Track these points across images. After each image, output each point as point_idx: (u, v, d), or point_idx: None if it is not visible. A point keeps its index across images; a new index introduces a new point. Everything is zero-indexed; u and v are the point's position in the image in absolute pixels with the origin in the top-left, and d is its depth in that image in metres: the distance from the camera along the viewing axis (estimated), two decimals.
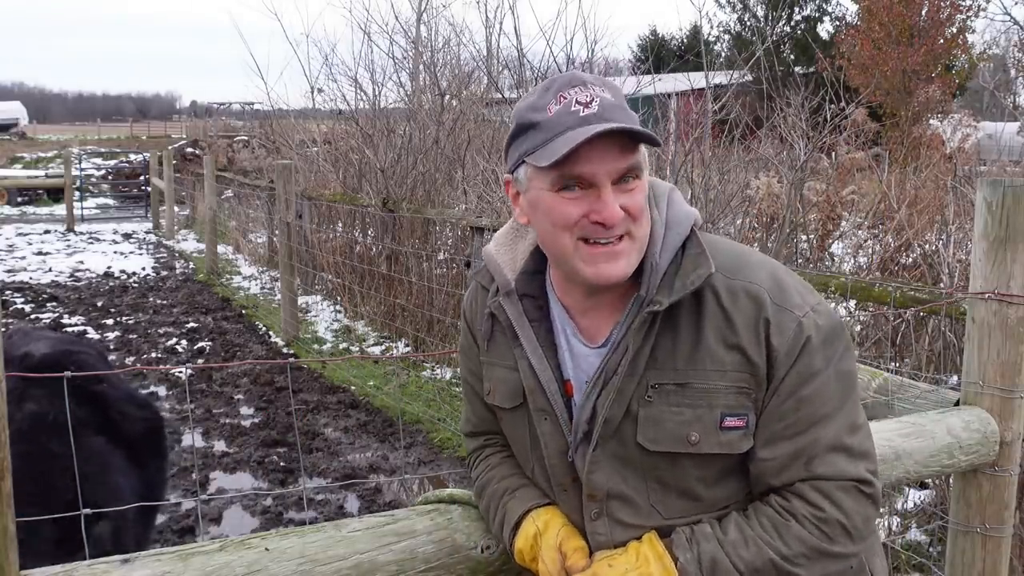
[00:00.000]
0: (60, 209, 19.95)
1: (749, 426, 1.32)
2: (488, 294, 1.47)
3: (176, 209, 17.00)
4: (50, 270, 12.39)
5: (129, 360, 7.32)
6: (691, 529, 1.33)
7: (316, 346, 7.92)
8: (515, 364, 1.42)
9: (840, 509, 1.31)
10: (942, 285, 4.68)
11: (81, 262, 13.19)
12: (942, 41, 22.85)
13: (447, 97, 10.24)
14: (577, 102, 1.27)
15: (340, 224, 9.92)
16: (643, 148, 1.32)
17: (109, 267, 12.67)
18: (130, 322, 8.87)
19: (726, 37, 31.64)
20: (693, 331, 1.32)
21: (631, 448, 1.34)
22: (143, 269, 12.64)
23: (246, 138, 21.90)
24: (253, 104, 23.83)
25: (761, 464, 1.33)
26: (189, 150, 24.26)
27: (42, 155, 30.30)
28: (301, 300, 8.98)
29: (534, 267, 1.44)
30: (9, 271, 12.27)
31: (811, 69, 19.92)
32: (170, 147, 22.35)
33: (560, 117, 1.27)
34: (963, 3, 23.17)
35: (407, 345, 7.52)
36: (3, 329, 1.26)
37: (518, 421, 1.46)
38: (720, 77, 8.98)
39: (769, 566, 1.29)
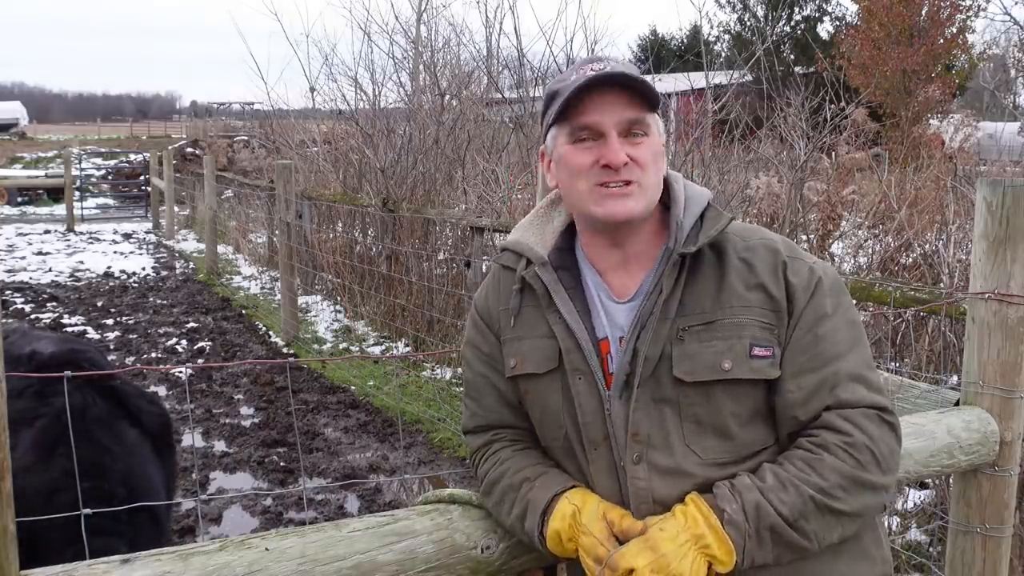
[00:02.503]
0: (60, 209, 19.95)
1: (775, 356, 1.42)
2: (514, 273, 1.56)
3: (176, 209, 16.99)
4: (50, 270, 12.39)
5: (129, 360, 7.32)
6: (730, 483, 1.38)
7: (316, 346, 7.92)
8: (548, 332, 1.50)
9: (866, 434, 1.39)
10: (942, 285, 4.68)
11: (81, 262, 13.18)
12: (942, 41, 22.83)
13: (447, 97, 10.24)
14: (592, 69, 1.44)
15: (340, 224, 9.92)
16: (656, 120, 1.48)
17: (109, 267, 12.67)
18: (130, 322, 8.87)
19: (726, 37, 31.63)
20: (717, 279, 1.45)
21: (668, 387, 1.42)
22: (143, 269, 12.63)
23: (246, 138, 21.87)
24: (253, 104, 23.82)
25: (789, 396, 1.42)
26: (189, 150, 24.24)
27: (42, 155, 30.29)
28: (301, 300, 8.98)
29: (564, 244, 1.57)
30: (9, 271, 12.26)
31: (811, 69, 19.88)
32: (170, 147, 22.34)
33: (572, 78, 1.44)
34: (963, 3, 23.15)
35: (407, 345, 7.52)
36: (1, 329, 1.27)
37: (550, 386, 1.50)
38: (720, 77, 8.98)
39: (810, 504, 1.35)
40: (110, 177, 25.06)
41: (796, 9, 31.08)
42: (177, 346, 7.88)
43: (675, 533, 1.33)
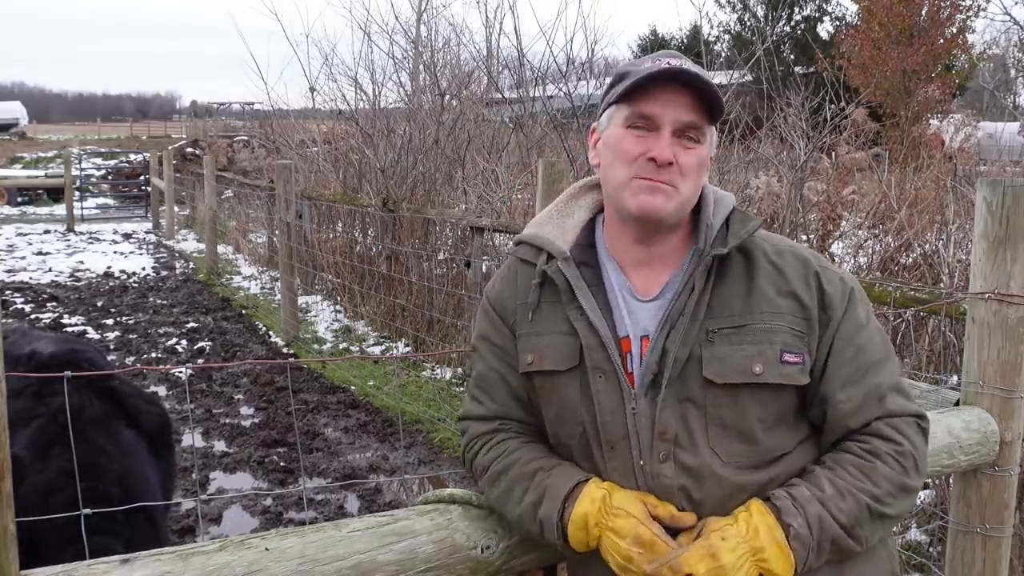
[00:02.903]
0: (60, 209, 19.95)
1: (805, 363, 1.44)
2: (533, 267, 1.54)
3: (176, 209, 16.99)
4: (50, 270, 12.38)
5: (129, 360, 7.32)
6: (790, 495, 1.39)
7: (316, 346, 7.92)
8: (568, 328, 1.48)
9: (911, 442, 1.44)
10: (942, 285, 4.68)
11: (81, 262, 13.18)
12: (942, 41, 22.82)
13: (447, 97, 10.24)
14: (668, 62, 1.43)
15: (340, 224, 9.92)
16: (713, 134, 1.48)
17: (109, 267, 12.67)
18: (130, 322, 8.87)
19: (726, 37, 31.60)
20: (747, 282, 1.45)
21: (696, 388, 1.42)
22: (143, 269, 12.63)
23: (246, 138, 21.88)
24: (253, 104, 23.83)
25: (840, 407, 1.44)
26: (189, 150, 24.26)
27: (42, 155, 30.27)
28: (301, 300, 8.97)
29: (586, 240, 1.56)
30: (9, 271, 12.26)
31: (811, 69, 19.88)
32: (170, 147, 22.35)
33: (647, 65, 1.44)
34: (963, 3, 23.15)
35: (407, 345, 7.52)
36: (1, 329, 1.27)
37: (569, 384, 1.49)
38: (720, 77, 8.98)
39: (865, 511, 1.39)
40: (110, 177, 25.06)
41: (796, 9, 31.05)
42: (177, 346, 7.88)
43: (735, 544, 1.34)
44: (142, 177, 22.39)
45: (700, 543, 1.35)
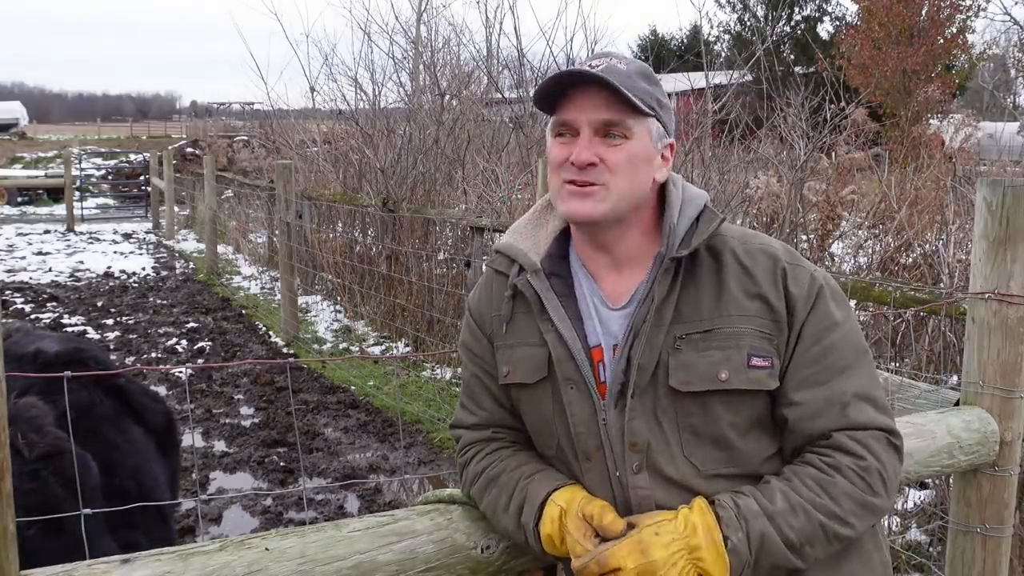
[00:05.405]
0: (60, 209, 19.94)
1: (774, 367, 1.39)
2: (507, 278, 1.53)
3: (176, 209, 16.98)
4: (50, 270, 12.38)
5: (129, 360, 7.32)
6: (736, 505, 1.33)
7: (316, 346, 7.92)
8: (539, 340, 1.47)
9: (877, 459, 1.37)
10: (942, 285, 4.68)
11: (81, 262, 13.18)
12: (942, 41, 22.83)
13: (447, 97, 10.24)
14: (588, 65, 1.42)
15: (340, 224, 9.92)
16: (649, 125, 1.42)
17: (109, 267, 12.66)
18: (130, 322, 8.87)
19: (726, 37, 31.62)
20: (715, 284, 1.41)
21: (664, 397, 1.39)
22: (143, 269, 12.63)
23: (246, 138, 21.87)
24: (253, 104, 23.82)
25: (797, 409, 1.39)
26: (189, 150, 24.21)
27: (42, 155, 30.26)
28: (301, 300, 8.97)
29: (558, 251, 1.53)
30: (9, 271, 12.26)
31: (811, 69, 19.88)
32: (170, 147, 22.33)
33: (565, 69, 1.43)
34: (963, 3, 23.16)
35: (407, 345, 7.52)
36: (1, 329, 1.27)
37: (541, 396, 1.48)
38: (720, 77, 8.99)
39: (819, 531, 1.33)
40: (110, 177, 25.03)
41: (796, 9, 31.07)
42: (177, 346, 7.88)
43: (670, 540, 1.30)
44: (142, 177, 22.37)
45: (632, 538, 1.32)
